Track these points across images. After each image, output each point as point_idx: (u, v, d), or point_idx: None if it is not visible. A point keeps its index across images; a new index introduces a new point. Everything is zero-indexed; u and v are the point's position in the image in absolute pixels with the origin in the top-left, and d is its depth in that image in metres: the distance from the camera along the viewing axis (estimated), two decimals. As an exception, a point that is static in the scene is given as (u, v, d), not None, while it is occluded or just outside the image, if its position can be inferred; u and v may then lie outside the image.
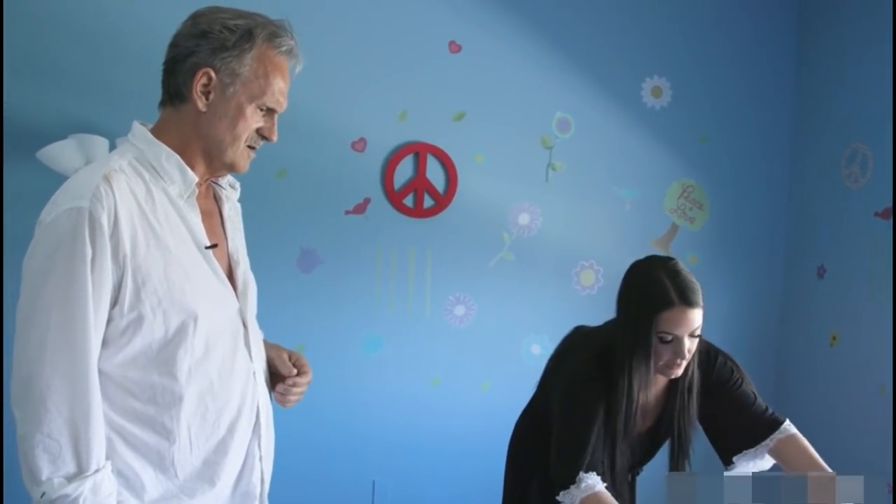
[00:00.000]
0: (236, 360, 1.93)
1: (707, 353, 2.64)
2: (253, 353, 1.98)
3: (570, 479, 2.36)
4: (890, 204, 3.88)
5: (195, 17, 1.88)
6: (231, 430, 1.91)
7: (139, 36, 3.64)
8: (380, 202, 4.02)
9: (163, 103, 1.93)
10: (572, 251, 4.26)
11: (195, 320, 1.81)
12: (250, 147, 1.93)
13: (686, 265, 4.26)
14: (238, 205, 2.12)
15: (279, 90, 1.90)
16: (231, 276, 1.98)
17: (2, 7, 3.50)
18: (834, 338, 4.16)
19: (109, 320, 1.76)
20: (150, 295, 1.76)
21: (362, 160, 3.99)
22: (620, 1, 4.30)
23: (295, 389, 2.12)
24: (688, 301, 2.40)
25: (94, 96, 3.64)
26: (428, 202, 4.07)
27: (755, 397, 2.63)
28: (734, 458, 2.60)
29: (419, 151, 4.04)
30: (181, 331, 1.80)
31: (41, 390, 1.68)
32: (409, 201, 4.05)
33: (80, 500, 1.69)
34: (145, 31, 3.63)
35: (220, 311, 1.90)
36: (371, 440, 4.00)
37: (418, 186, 4.05)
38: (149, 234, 1.78)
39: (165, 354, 1.80)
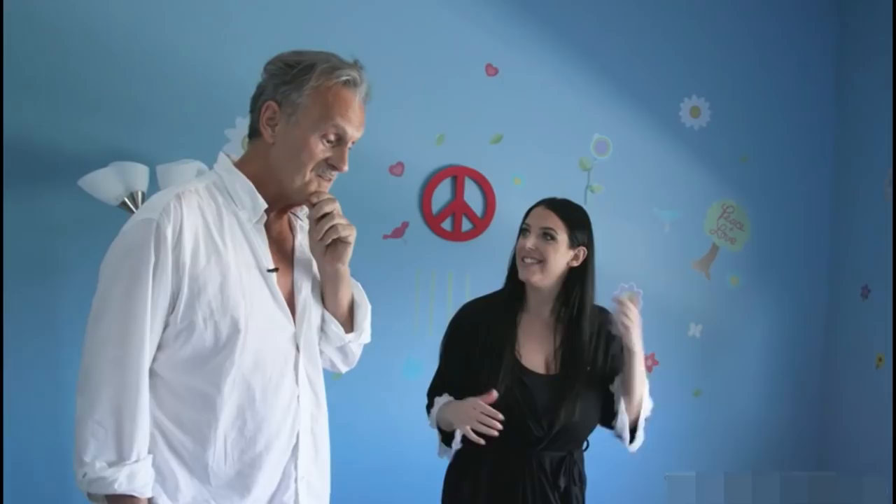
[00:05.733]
0: (283, 382, 2.00)
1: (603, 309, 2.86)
2: (300, 379, 2.04)
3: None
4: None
5: (267, 63, 2.00)
6: (267, 447, 1.98)
7: (175, 65, 3.69)
8: (418, 226, 4.03)
9: (248, 140, 2.06)
10: (612, 273, 4.23)
11: (244, 336, 1.90)
12: (320, 177, 2.00)
13: (727, 286, 4.27)
14: None
15: (340, 118, 1.95)
16: (292, 302, 2.05)
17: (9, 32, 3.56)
18: (880, 359, 4.09)
19: (167, 325, 1.88)
20: (204, 306, 1.87)
21: (400, 184, 4.00)
22: (656, 21, 4.30)
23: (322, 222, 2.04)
24: (549, 204, 2.76)
25: (135, 125, 3.68)
26: (466, 225, 4.07)
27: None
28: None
29: (457, 175, 4.04)
30: (229, 344, 1.89)
31: (97, 380, 1.82)
32: (447, 225, 4.05)
33: (116, 484, 1.80)
34: (179, 59, 3.69)
35: (272, 332, 1.98)
36: (413, 464, 3.98)
37: (456, 210, 4.05)
38: (211, 250, 1.90)
39: (213, 365, 1.90)
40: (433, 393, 2.86)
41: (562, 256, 2.71)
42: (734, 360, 4.45)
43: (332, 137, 1.96)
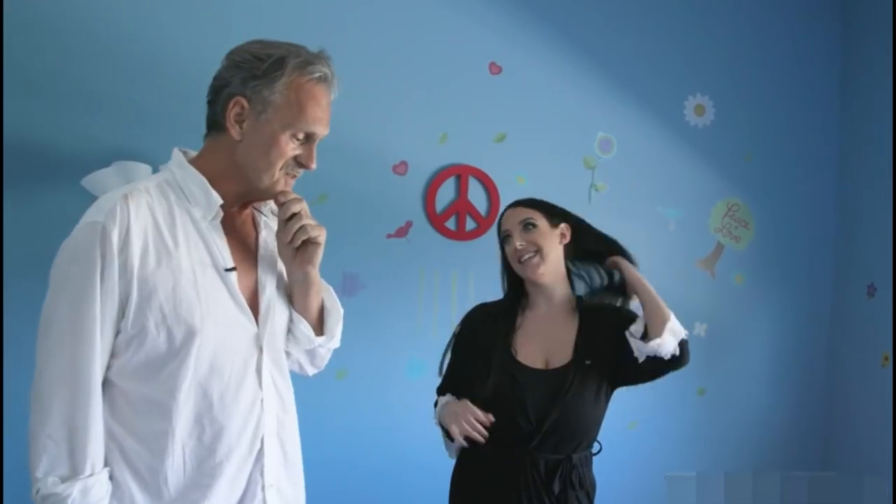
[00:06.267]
0: (243, 386, 1.92)
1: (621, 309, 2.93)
2: (264, 381, 1.96)
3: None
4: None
5: (230, 52, 1.94)
6: (228, 455, 1.89)
7: (176, 64, 3.67)
8: (422, 225, 4.01)
9: (206, 133, 1.99)
10: (616, 272, 4.21)
11: (199, 340, 1.82)
12: (289, 174, 1.95)
13: (732, 285, 4.25)
14: None
15: (313, 118, 1.90)
16: (256, 301, 1.98)
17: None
18: (886, 358, 4.07)
19: (119, 332, 1.80)
20: (155, 310, 1.79)
21: (404, 183, 3.99)
22: (661, 20, 4.29)
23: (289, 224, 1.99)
24: (513, 204, 2.85)
25: (137, 124, 3.66)
26: (470, 224, 4.05)
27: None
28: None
29: (461, 174, 4.03)
30: (184, 349, 1.82)
31: (48, 393, 1.77)
32: (451, 224, 4.03)
33: (69, 500, 1.75)
34: (180, 58, 3.67)
35: (231, 333, 1.90)
36: (418, 465, 3.97)
37: (460, 209, 4.03)
38: (161, 251, 1.82)
39: (168, 371, 1.82)
40: (439, 391, 2.88)
41: (550, 239, 2.76)
42: (739, 359, 4.43)
43: (301, 136, 1.91)
